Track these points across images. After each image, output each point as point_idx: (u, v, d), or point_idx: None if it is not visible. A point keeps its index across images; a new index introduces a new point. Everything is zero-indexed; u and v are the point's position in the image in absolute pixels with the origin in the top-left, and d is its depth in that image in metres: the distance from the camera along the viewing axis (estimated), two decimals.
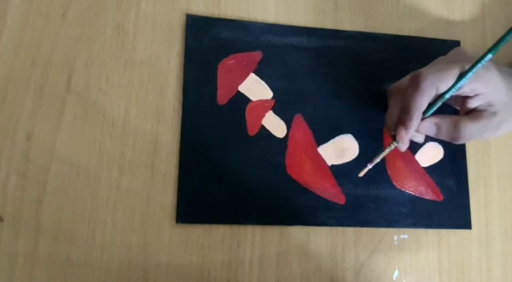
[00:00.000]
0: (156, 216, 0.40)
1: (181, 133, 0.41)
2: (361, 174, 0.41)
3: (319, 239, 0.42)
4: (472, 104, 0.38)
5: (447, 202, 0.44)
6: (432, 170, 0.44)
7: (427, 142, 0.45)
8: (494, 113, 0.38)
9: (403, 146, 0.39)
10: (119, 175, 0.40)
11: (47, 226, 0.38)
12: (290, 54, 0.45)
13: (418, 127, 0.38)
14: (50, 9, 0.42)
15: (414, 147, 0.45)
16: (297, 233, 0.42)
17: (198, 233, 0.40)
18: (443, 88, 0.36)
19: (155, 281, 0.39)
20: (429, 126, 0.38)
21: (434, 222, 0.43)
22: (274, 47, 0.45)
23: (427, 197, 0.44)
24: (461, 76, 0.36)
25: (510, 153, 0.47)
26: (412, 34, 0.48)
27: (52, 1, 0.42)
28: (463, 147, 0.46)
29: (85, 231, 0.39)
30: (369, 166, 0.41)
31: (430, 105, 0.38)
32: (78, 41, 0.42)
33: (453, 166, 0.45)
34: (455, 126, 0.38)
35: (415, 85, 0.36)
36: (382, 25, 0.47)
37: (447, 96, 0.37)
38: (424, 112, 0.38)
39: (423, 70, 0.38)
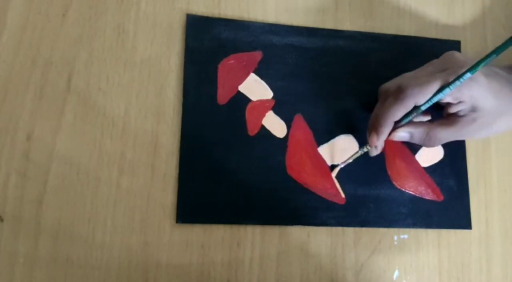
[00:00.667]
0: (156, 216, 0.40)
1: (181, 133, 0.41)
2: (334, 174, 0.42)
3: (319, 239, 0.42)
4: (454, 109, 0.38)
5: (447, 202, 0.44)
6: (432, 170, 0.44)
7: None
8: (474, 119, 0.38)
9: (374, 151, 0.41)
10: (119, 174, 0.40)
11: (47, 226, 0.38)
12: (290, 54, 0.45)
13: (391, 135, 0.40)
14: (50, 9, 0.42)
15: (414, 147, 0.45)
16: (297, 233, 0.42)
17: (198, 233, 0.40)
18: (421, 102, 0.37)
19: (155, 281, 0.39)
20: (402, 135, 0.40)
21: (434, 222, 0.43)
22: (274, 47, 0.45)
23: (427, 197, 0.44)
24: (440, 90, 0.36)
25: (510, 153, 0.47)
26: (412, 34, 0.48)
27: (52, 1, 0.42)
28: (463, 147, 0.46)
29: (85, 231, 0.39)
30: (341, 165, 0.42)
31: (406, 115, 0.39)
32: (78, 41, 0.42)
33: (453, 166, 0.45)
34: (427, 135, 0.39)
35: (396, 97, 0.38)
36: (382, 25, 0.47)
37: (422, 108, 0.38)
38: (399, 121, 0.39)
39: (406, 82, 0.38)
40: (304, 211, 0.42)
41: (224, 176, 0.41)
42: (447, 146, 0.45)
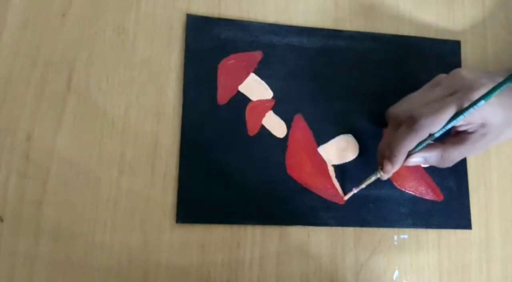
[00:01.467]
0: (156, 216, 0.40)
1: (181, 133, 0.41)
2: (346, 198, 0.42)
3: (319, 239, 0.42)
4: (463, 127, 0.38)
5: (447, 202, 0.44)
6: (432, 170, 0.44)
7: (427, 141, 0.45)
8: (483, 135, 0.38)
9: (386, 176, 0.41)
10: (119, 175, 0.40)
11: (47, 226, 0.38)
12: (290, 54, 0.45)
13: (407, 162, 0.40)
14: (50, 9, 0.42)
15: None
16: (297, 233, 0.42)
17: (198, 233, 0.40)
18: (435, 130, 0.37)
19: (155, 281, 0.39)
20: (417, 160, 0.40)
21: (434, 222, 0.43)
22: (274, 47, 0.45)
23: (427, 197, 0.44)
24: (453, 117, 0.36)
25: (510, 154, 0.47)
26: (412, 34, 0.48)
27: (53, 1, 0.42)
28: None
29: (85, 231, 0.39)
30: (355, 191, 0.42)
31: (420, 142, 0.38)
32: (78, 41, 0.42)
33: (453, 166, 0.45)
34: (441, 157, 0.39)
35: (409, 128, 0.37)
36: (382, 25, 0.47)
37: (436, 135, 0.38)
38: (413, 149, 0.39)
39: (419, 113, 0.37)
40: (304, 211, 0.42)
41: (224, 176, 0.41)
42: None
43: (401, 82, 0.46)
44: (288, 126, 0.43)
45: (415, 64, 0.44)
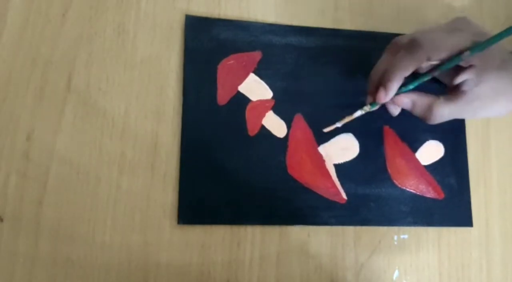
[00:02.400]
0: (156, 216, 0.40)
1: (182, 134, 0.41)
2: (327, 130, 0.42)
3: (319, 239, 0.42)
4: (459, 79, 0.37)
5: (448, 200, 0.44)
6: (432, 168, 0.44)
7: (428, 140, 0.45)
8: (477, 97, 0.37)
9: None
10: (119, 174, 0.40)
11: (47, 226, 0.38)
12: (289, 54, 0.45)
13: (395, 98, 0.38)
14: (50, 9, 0.42)
15: (415, 145, 0.45)
16: (297, 232, 0.42)
17: (198, 233, 0.40)
18: (435, 59, 0.36)
19: (155, 281, 0.39)
20: (406, 101, 0.39)
21: (435, 220, 0.43)
22: (273, 47, 0.45)
23: (428, 195, 0.44)
24: (457, 54, 0.35)
25: (510, 154, 0.47)
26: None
27: (53, 1, 0.42)
28: (464, 144, 0.46)
29: (85, 231, 0.39)
30: (338, 125, 0.41)
31: (414, 78, 0.38)
32: (78, 41, 0.42)
33: (454, 164, 0.45)
34: (429, 108, 0.38)
35: (408, 50, 0.36)
36: (382, 24, 0.47)
37: (437, 73, 0.37)
38: (407, 85, 0.38)
39: (422, 35, 0.37)
40: (305, 211, 0.42)
41: (225, 176, 0.41)
42: (447, 144, 0.45)
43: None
44: (288, 126, 0.43)
45: None
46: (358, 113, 0.41)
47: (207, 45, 0.43)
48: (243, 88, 0.43)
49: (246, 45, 0.44)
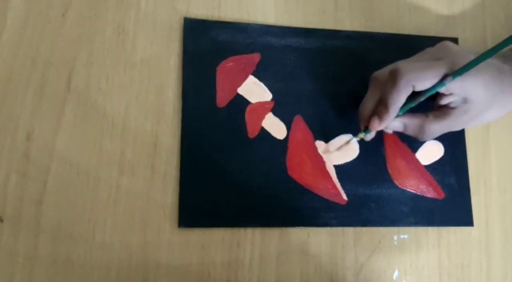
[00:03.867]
0: (156, 216, 0.40)
1: (181, 137, 0.41)
2: (322, 152, 0.43)
3: (319, 239, 0.42)
4: (445, 101, 0.38)
5: (449, 200, 0.44)
6: (433, 168, 0.44)
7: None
8: (465, 111, 0.38)
9: (370, 137, 0.41)
10: (119, 174, 0.40)
11: (47, 226, 0.38)
12: (288, 56, 0.45)
13: (388, 125, 0.40)
14: (50, 9, 0.42)
15: (415, 145, 0.45)
16: (297, 233, 0.42)
17: (198, 233, 0.40)
18: (419, 87, 0.37)
19: (155, 281, 0.39)
20: (397, 125, 0.40)
21: (436, 220, 0.43)
22: (272, 49, 0.45)
23: (428, 195, 0.44)
24: (440, 82, 0.36)
25: (510, 153, 0.47)
26: (413, 33, 0.48)
27: (52, 1, 0.42)
28: (463, 144, 0.46)
29: (85, 231, 0.39)
30: (337, 151, 0.43)
31: (403, 105, 0.38)
32: (78, 41, 0.42)
33: (454, 163, 0.45)
34: (420, 128, 0.39)
35: (393, 81, 0.37)
36: (382, 24, 0.47)
37: (421, 99, 0.38)
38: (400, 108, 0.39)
39: (403, 65, 0.38)
40: (306, 212, 0.42)
41: (225, 179, 0.41)
42: (447, 144, 0.45)
43: None
44: (288, 128, 0.43)
45: None
46: (354, 139, 0.42)
47: (206, 47, 0.43)
48: (242, 90, 0.43)
49: (244, 47, 0.44)
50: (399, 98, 0.37)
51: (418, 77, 0.36)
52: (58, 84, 0.41)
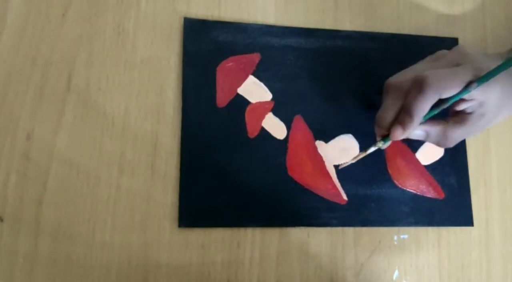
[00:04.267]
0: (156, 216, 0.40)
1: (181, 137, 0.41)
2: (341, 167, 0.42)
3: (319, 239, 0.42)
4: (463, 106, 0.38)
5: (449, 200, 0.44)
6: (433, 168, 0.44)
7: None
8: (482, 115, 0.38)
9: (386, 145, 0.40)
10: (119, 174, 0.40)
11: (47, 225, 0.38)
12: (288, 56, 0.45)
13: (410, 134, 0.39)
14: (50, 9, 0.42)
15: (415, 146, 0.45)
16: (297, 233, 0.42)
17: (198, 233, 0.40)
18: (445, 95, 0.36)
19: (155, 281, 0.39)
20: (420, 133, 0.40)
21: (436, 220, 0.43)
22: (272, 49, 0.45)
23: (428, 195, 0.44)
24: (465, 88, 0.36)
25: (510, 153, 0.47)
26: (413, 33, 0.48)
27: (52, 1, 0.42)
28: (463, 144, 0.46)
29: (85, 230, 0.39)
30: (352, 161, 0.41)
31: (430, 110, 0.38)
32: (78, 41, 0.42)
33: (454, 164, 0.45)
34: (443, 134, 0.39)
35: (420, 90, 0.36)
36: (382, 24, 0.47)
37: (445, 106, 0.37)
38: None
39: (429, 73, 0.37)
40: (306, 212, 0.42)
41: (225, 179, 0.41)
42: None
43: None
44: (288, 128, 0.43)
45: (415, 62, 0.44)
46: (372, 149, 0.40)
47: (206, 47, 0.43)
48: (242, 90, 0.43)
49: (244, 47, 0.44)
50: (425, 107, 0.37)
51: (446, 86, 0.36)
52: (58, 84, 0.41)
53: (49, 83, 0.41)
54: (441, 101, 0.37)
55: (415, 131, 0.39)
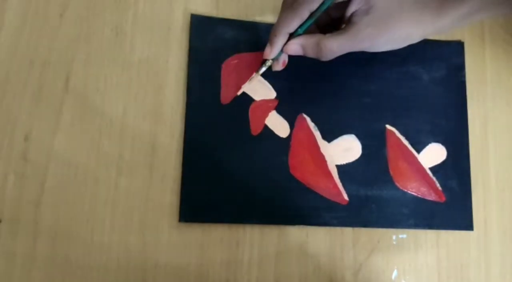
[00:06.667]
0: (155, 216, 0.40)
1: (185, 132, 0.41)
2: (243, 89, 0.42)
3: (318, 239, 0.42)
4: (349, 10, 0.37)
5: (449, 203, 0.44)
6: (435, 170, 0.44)
7: (430, 142, 0.45)
8: (367, 23, 0.36)
9: (276, 65, 0.41)
10: (117, 175, 0.40)
11: (45, 226, 0.38)
12: (290, 56, 0.45)
13: (285, 48, 0.39)
14: (48, 9, 0.42)
15: (417, 148, 0.45)
16: (296, 233, 0.42)
17: (197, 233, 0.40)
18: (314, 7, 0.36)
19: (154, 281, 0.39)
20: (296, 47, 0.39)
21: (436, 223, 0.43)
22: None
23: (429, 198, 0.44)
24: None
25: (508, 153, 0.47)
26: None
27: (50, 1, 0.42)
28: (467, 147, 0.46)
29: (83, 231, 0.39)
30: (247, 83, 0.42)
31: (301, 26, 0.38)
32: (76, 41, 0.42)
33: (456, 167, 0.45)
34: (317, 46, 0.38)
35: (291, 7, 0.37)
36: None
37: (317, 14, 0.37)
38: (296, 31, 0.38)
39: None
40: (307, 211, 0.41)
41: (227, 175, 0.41)
42: (450, 147, 0.45)
43: (404, 84, 0.46)
44: (291, 126, 0.43)
45: (417, 64, 0.44)
46: (263, 69, 0.41)
47: (212, 44, 0.43)
48: (247, 88, 0.43)
49: (250, 45, 0.44)
50: (291, 23, 0.37)
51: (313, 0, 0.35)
52: (56, 84, 0.41)
53: (47, 84, 0.40)
54: (310, 16, 0.37)
55: (291, 46, 0.38)
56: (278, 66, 0.41)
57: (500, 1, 0.36)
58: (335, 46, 0.38)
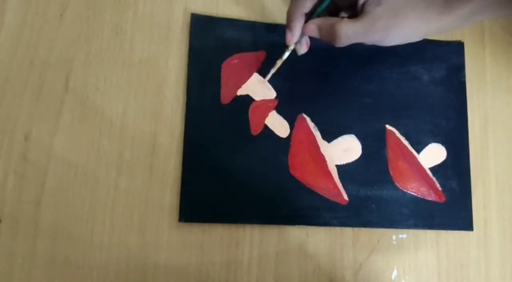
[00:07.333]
0: (155, 216, 0.40)
1: (185, 132, 0.41)
2: (267, 78, 0.43)
3: (318, 239, 0.42)
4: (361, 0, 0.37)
5: (449, 204, 0.44)
6: (434, 171, 0.44)
7: (430, 143, 0.45)
8: (380, 15, 0.36)
9: (300, 48, 0.41)
10: (117, 175, 0.40)
11: (45, 226, 0.38)
12: (293, 55, 0.45)
13: (303, 29, 0.39)
14: (48, 9, 0.42)
15: (417, 148, 0.45)
16: (295, 233, 0.42)
17: (196, 233, 0.40)
18: None
19: (154, 281, 0.39)
20: (313, 27, 0.38)
21: (436, 223, 0.43)
22: (277, 47, 0.44)
23: (429, 198, 0.44)
24: None
25: (508, 153, 0.47)
26: None
27: (50, 1, 0.42)
28: (466, 148, 0.46)
29: (83, 231, 0.39)
30: (272, 71, 0.42)
31: (317, 7, 0.38)
32: (76, 41, 0.42)
33: (456, 167, 0.45)
34: (332, 28, 0.37)
35: None
36: None
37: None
38: (312, 14, 0.38)
39: None
40: (307, 211, 0.42)
41: (227, 175, 0.41)
42: (450, 147, 0.45)
43: (404, 84, 0.46)
44: (291, 126, 0.43)
45: (418, 65, 0.44)
46: (286, 54, 0.41)
47: (212, 44, 0.43)
48: (247, 87, 0.43)
49: (250, 45, 0.44)
50: (304, 4, 0.37)
51: None
52: (56, 84, 0.41)
53: (47, 83, 0.40)
54: None
55: (309, 26, 0.38)
56: (302, 49, 0.41)
57: (503, 3, 0.36)
58: (350, 31, 0.37)
